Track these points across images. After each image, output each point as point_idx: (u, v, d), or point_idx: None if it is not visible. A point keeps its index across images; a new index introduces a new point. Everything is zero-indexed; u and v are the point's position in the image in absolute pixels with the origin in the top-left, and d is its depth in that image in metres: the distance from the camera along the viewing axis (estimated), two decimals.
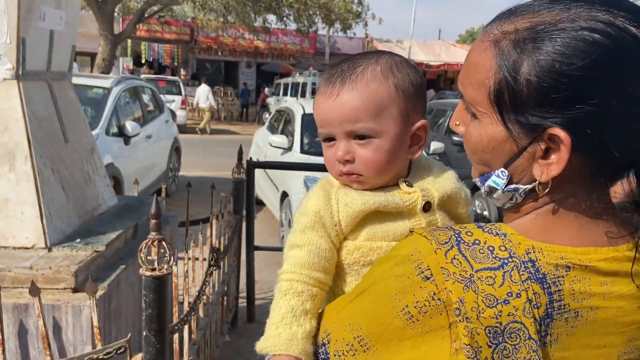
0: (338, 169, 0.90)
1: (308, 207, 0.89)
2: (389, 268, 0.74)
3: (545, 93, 0.67)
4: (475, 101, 0.74)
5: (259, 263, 5.02)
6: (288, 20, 16.23)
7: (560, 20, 0.67)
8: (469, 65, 0.76)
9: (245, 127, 19.10)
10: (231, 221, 3.58)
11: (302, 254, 0.87)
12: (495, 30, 0.73)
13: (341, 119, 0.88)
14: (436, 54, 28.78)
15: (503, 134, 0.73)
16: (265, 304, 4.28)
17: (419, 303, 0.69)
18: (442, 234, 0.73)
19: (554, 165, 0.70)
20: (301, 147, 5.90)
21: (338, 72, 0.90)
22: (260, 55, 26.58)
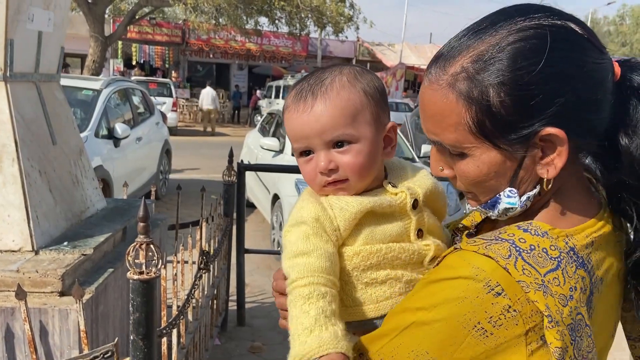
0: (321, 180, 0.91)
1: (304, 216, 0.89)
2: (450, 292, 0.74)
3: (522, 104, 0.73)
4: (459, 141, 0.78)
5: (250, 266, 5.01)
6: (280, 23, 16.25)
7: (497, 43, 0.74)
8: (434, 115, 0.79)
9: (236, 130, 19.05)
10: (221, 224, 3.57)
11: (312, 260, 0.85)
12: (443, 76, 0.76)
13: (319, 130, 0.89)
14: (427, 58, 28.83)
15: (499, 156, 0.77)
16: (255, 307, 4.27)
17: (492, 318, 0.71)
18: (499, 247, 0.75)
19: (557, 159, 0.76)
20: (292, 150, 5.87)
21: (305, 87, 0.92)
22: (252, 58, 26.57)
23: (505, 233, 0.78)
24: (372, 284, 0.89)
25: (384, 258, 0.89)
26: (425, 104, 0.80)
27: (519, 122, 0.74)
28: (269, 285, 4.73)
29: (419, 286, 0.82)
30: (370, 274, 0.89)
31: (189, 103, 21.16)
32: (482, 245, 0.76)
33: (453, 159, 0.81)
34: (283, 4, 14.87)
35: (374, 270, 0.89)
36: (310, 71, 0.97)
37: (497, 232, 0.80)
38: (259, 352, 3.57)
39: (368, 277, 0.89)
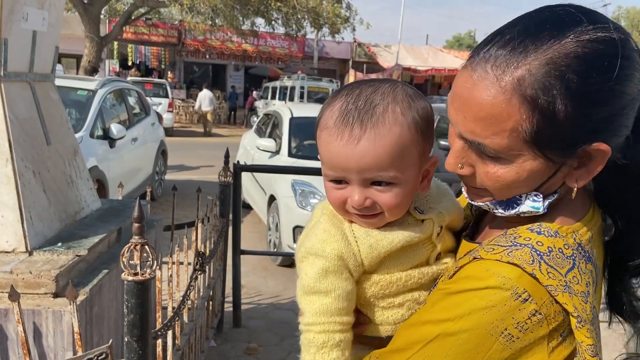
0: (349, 209, 0.86)
1: (326, 251, 0.84)
2: (476, 301, 0.74)
3: (586, 119, 0.71)
4: (507, 147, 0.74)
5: (246, 267, 4.99)
6: (276, 24, 16.25)
7: (569, 52, 0.69)
8: (487, 118, 0.73)
9: (233, 131, 19.03)
10: (217, 225, 3.55)
11: (328, 301, 0.83)
12: (506, 78, 0.71)
13: (362, 167, 0.82)
14: (424, 59, 28.98)
15: (541, 165, 0.75)
16: (251, 308, 4.26)
17: (520, 323, 0.73)
18: (521, 253, 0.75)
19: (592, 172, 0.76)
20: (289, 151, 5.90)
21: (353, 111, 0.82)
22: (248, 59, 26.54)
23: (521, 237, 0.78)
24: (389, 307, 0.89)
25: (404, 286, 0.88)
26: (475, 105, 0.73)
27: (577, 136, 0.72)
28: (265, 287, 4.72)
29: (437, 297, 0.80)
30: (387, 300, 0.88)
31: (185, 104, 21.11)
32: (504, 253, 0.76)
33: (483, 160, 0.78)
34: (279, 4, 14.88)
35: (392, 296, 0.88)
36: (356, 83, 0.87)
37: (510, 236, 0.79)
38: (255, 354, 3.56)
39: (385, 302, 0.88)
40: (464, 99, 0.75)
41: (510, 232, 0.81)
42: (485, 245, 0.80)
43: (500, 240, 0.80)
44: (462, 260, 0.82)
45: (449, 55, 30.31)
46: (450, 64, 28.41)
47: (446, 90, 30.08)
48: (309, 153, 6.02)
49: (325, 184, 0.89)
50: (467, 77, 0.75)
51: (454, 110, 0.77)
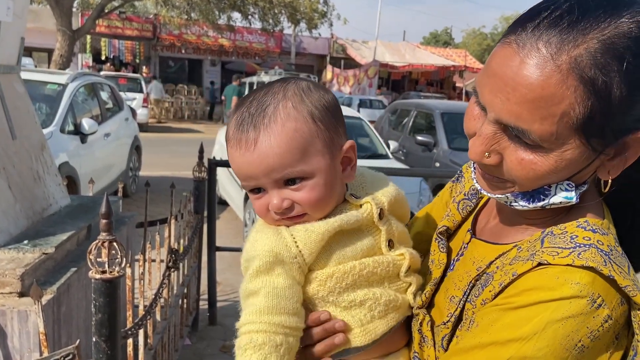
0: (274, 216, 0.84)
1: (257, 249, 0.81)
2: (550, 314, 0.67)
3: (637, 105, 0.67)
4: (552, 134, 0.67)
5: (222, 264, 4.93)
6: (253, 18, 16.11)
7: (627, 32, 0.65)
8: (536, 100, 0.66)
9: (210, 127, 18.83)
10: (191, 221, 3.49)
11: (258, 300, 0.79)
12: (562, 56, 0.65)
13: (266, 169, 0.80)
14: (401, 55, 29.14)
15: (582, 154, 0.69)
16: (227, 305, 4.21)
17: (592, 332, 0.67)
18: (591, 254, 0.68)
19: (623, 164, 0.72)
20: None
21: (247, 117, 0.82)
22: (225, 54, 26.29)
23: (579, 237, 0.71)
24: (351, 307, 0.84)
25: (359, 276, 0.83)
26: (523, 85, 0.66)
27: (625, 124, 0.68)
28: (240, 284, 4.67)
29: (494, 315, 0.71)
30: (347, 297, 0.83)
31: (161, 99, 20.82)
32: (574, 256, 0.68)
33: (517, 148, 0.71)
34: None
35: (350, 291, 0.83)
36: (253, 91, 0.86)
37: (564, 236, 0.73)
38: (230, 352, 3.51)
39: (346, 300, 0.83)
40: (508, 78, 0.67)
41: (557, 232, 0.74)
42: (544, 247, 0.72)
43: (556, 241, 0.72)
44: (513, 266, 0.73)
45: (426, 52, 30.55)
46: (427, 60, 28.63)
47: (422, 86, 30.33)
48: None
49: (250, 197, 0.87)
50: (511, 54, 0.67)
51: (490, 92, 0.70)
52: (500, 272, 0.75)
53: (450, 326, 0.80)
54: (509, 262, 0.75)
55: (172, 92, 22.23)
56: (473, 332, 0.73)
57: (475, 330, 0.73)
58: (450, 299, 0.83)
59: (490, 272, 0.78)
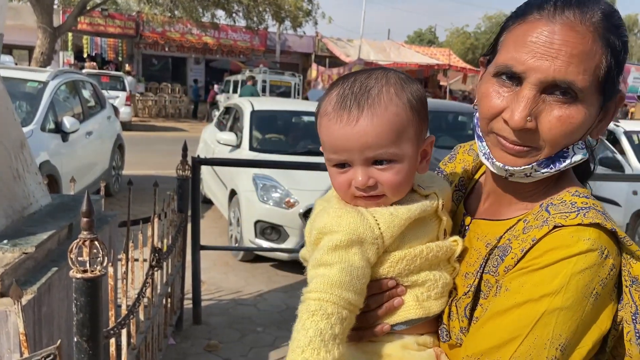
0: (354, 192, 0.89)
1: (341, 224, 0.85)
2: (572, 267, 0.76)
3: (622, 67, 0.83)
4: (589, 86, 0.80)
5: (207, 263, 4.91)
6: (237, 16, 16.02)
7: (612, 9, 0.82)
8: (578, 55, 0.78)
9: (194, 125, 18.70)
10: (175, 220, 3.47)
11: (332, 273, 0.82)
12: (587, 21, 0.80)
13: (362, 146, 0.85)
14: (386, 54, 29.20)
15: (596, 109, 0.83)
16: (212, 305, 4.19)
17: (603, 280, 0.77)
18: (594, 214, 0.80)
19: (606, 123, 0.87)
20: (250, 145, 5.82)
21: (349, 95, 0.87)
22: (209, 52, 26.10)
23: (577, 203, 0.83)
24: (412, 286, 0.90)
25: (426, 259, 0.89)
26: (568, 43, 0.78)
27: (618, 83, 0.83)
28: (226, 282, 4.65)
29: (523, 279, 0.79)
30: (412, 277, 0.90)
31: (144, 97, 20.63)
32: (581, 216, 0.79)
33: (554, 106, 0.80)
34: None
35: (415, 272, 0.90)
36: (350, 74, 0.92)
37: (564, 204, 0.83)
38: (215, 351, 3.50)
39: (410, 280, 0.90)
40: (552, 41, 0.79)
41: (556, 202, 0.85)
42: (553, 214, 0.82)
43: (560, 208, 0.83)
44: (529, 234, 0.82)
45: (410, 51, 30.64)
46: (411, 58, 28.72)
47: None
48: (271, 147, 5.98)
49: (330, 171, 0.92)
50: (545, 24, 0.80)
51: (534, 57, 0.80)
52: (516, 241, 0.84)
53: (471, 295, 0.88)
54: (522, 232, 0.84)
55: (156, 90, 22.03)
56: (505, 296, 0.80)
57: (507, 293, 0.80)
58: (465, 276, 0.92)
59: (502, 245, 0.87)
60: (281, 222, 4.79)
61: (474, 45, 54.77)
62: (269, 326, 3.88)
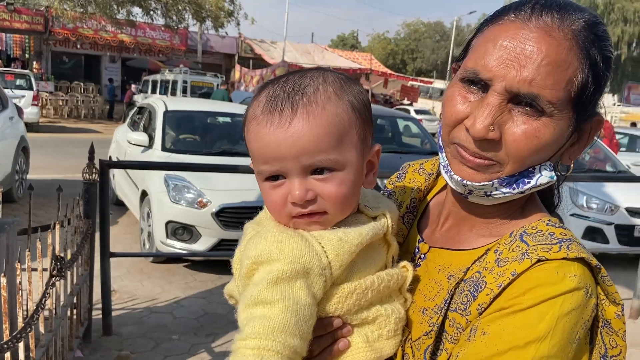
0: (292, 210, 0.75)
1: (283, 252, 0.71)
2: (558, 308, 0.68)
3: (604, 84, 0.75)
4: (558, 99, 0.71)
5: (120, 271, 4.71)
6: (155, 14, 15.50)
7: (598, 20, 0.75)
8: (550, 64, 0.70)
9: (109, 126, 17.86)
10: (81, 226, 3.29)
11: (274, 313, 0.68)
12: (565, 28, 0.72)
13: (297, 152, 0.72)
14: (310, 57, 29.46)
15: (567, 127, 0.75)
16: (125, 314, 4.02)
17: (585, 322, 0.70)
18: (576, 247, 0.73)
19: (582, 147, 0.79)
20: (162, 145, 5.75)
21: (281, 95, 0.75)
22: (125, 50, 25.10)
23: (555, 234, 0.75)
24: (362, 324, 0.78)
25: (377, 291, 0.78)
26: (538, 52, 0.70)
27: (598, 99, 0.76)
28: (139, 291, 4.48)
29: (506, 320, 0.69)
30: (360, 314, 0.78)
31: (54, 97, 19.44)
32: (564, 249, 0.71)
33: (520, 119, 0.73)
34: None
35: (365, 308, 0.78)
36: (283, 75, 0.80)
37: (542, 234, 0.75)
38: None
39: (359, 318, 0.78)
40: (523, 47, 0.71)
41: (531, 231, 0.76)
42: (533, 245, 0.73)
43: (538, 238, 0.75)
44: (506, 267, 0.73)
45: (334, 54, 31.12)
46: (335, 62, 29.16)
47: None
48: (184, 147, 5.92)
49: (261, 188, 0.78)
50: (518, 28, 0.72)
51: (500, 63, 0.72)
52: (491, 275, 0.74)
53: (434, 336, 0.77)
54: (497, 264, 0.74)
55: (67, 89, 20.85)
56: (484, 342, 0.70)
57: (486, 338, 0.70)
58: (423, 312, 0.81)
59: (470, 278, 0.76)
60: (193, 222, 4.77)
61: (394, 51, 56.54)
62: (185, 333, 3.78)
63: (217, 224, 4.71)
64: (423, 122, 17.64)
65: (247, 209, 4.78)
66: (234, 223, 4.76)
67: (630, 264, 5.52)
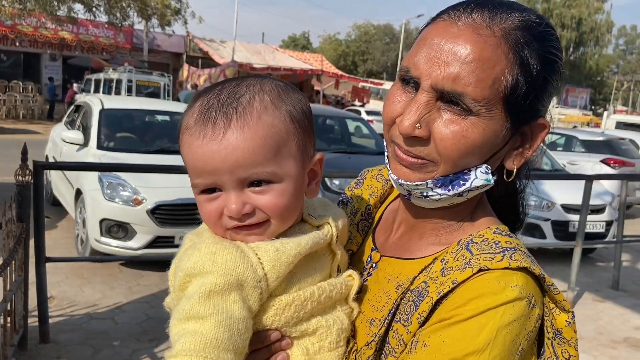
0: (227, 223, 0.74)
1: (216, 264, 0.69)
2: (499, 319, 0.67)
3: (546, 86, 0.73)
4: (484, 98, 0.70)
5: (58, 276, 4.54)
6: (98, 11, 14.99)
7: (539, 21, 0.74)
8: (475, 60, 0.70)
9: (49, 127, 17.01)
10: (14, 230, 3.14)
11: (206, 328, 0.65)
12: (496, 26, 0.71)
13: (232, 165, 0.70)
14: (261, 57, 29.30)
15: (501, 128, 0.73)
16: (63, 321, 3.87)
17: (529, 333, 0.69)
18: (520, 256, 0.71)
19: (527, 152, 0.77)
20: (98, 143, 5.70)
21: (215, 104, 0.72)
22: (67, 48, 24.14)
23: (501, 242, 0.74)
24: (301, 337, 0.77)
25: (317, 302, 0.76)
26: (463, 48, 0.70)
27: (536, 102, 0.74)
28: (79, 296, 4.32)
29: (448, 331, 0.69)
30: (300, 326, 0.76)
31: None
32: (507, 258, 0.70)
33: (447, 118, 0.72)
34: None
35: (305, 320, 0.76)
36: (219, 82, 0.77)
37: (487, 243, 0.74)
38: None
39: (298, 330, 0.76)
40: (448, 45, 0.71)
41: (478, 239, 0.75)
42: (476, 254, 0.73)
43: (483, 247, 0.74)
44: (448, 276, 0.72)
45: (285, 55, 31.08)
46: (286, 62, 29.13)
47: None
48: (121, 145, 5.88)
49: (197, 200, 0.76)
50: (447, 26, 0.72)
51: (427, 61, 0.72)
52: (434, 284, 0.73)
53: (375, 346, 0.76)
54: (441, 274, 0.73)
55: (5, 88, 19.86)
56: (424, 354, 0.69)
57: (426, 351, 0.69)
58: (371, 322, 0.80)
59: (415, 288, 0.76)
60: (128, 220, 4.77)
61: (345, 52, 57.07)
62: (127, 339, 3.67)
63: (153, 221, 4.76)
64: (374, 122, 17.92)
65: (183, 206, 4.86)
66: (169, 220, 4.84)
67: (565, 257, 5.81)
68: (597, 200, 6.24)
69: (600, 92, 57.43)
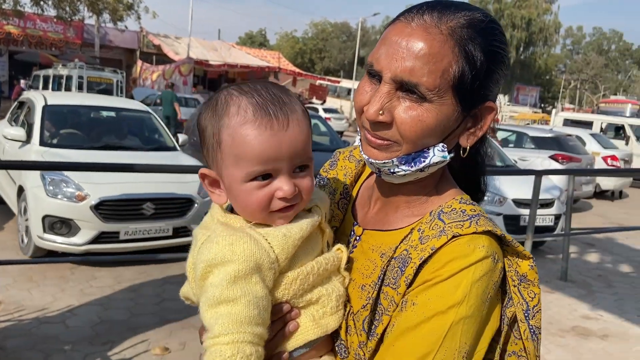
0: (277, 205, 0.85)
1: (236, 253, 0.79)
2: (471, 276, 0.80)
3: (492, 75, 0.86)
4: (436, 87, 0.81)
5: (5, 280, 4.37)
6: (46, 4, 14.42)
7: (483, 18, 0.85)
8: (426, 55, 0.81)
9: None
10: None
11: (238, 309, 0.76)
12: (443, 25, 0.82)
13: (294, 151, 0.83)
14: (217, 54, 28.95)
15: (453, 113, 0.84)
16: (11, 326, 3.71)
17: (495, 283, 0.83)
18: (484, 221, 0.84)
19: (479, 132, 0.89)
20: (41, 140, 5.58)
21: (268, 101, 0.84)
22: (13, 43, 23.14)
23: (467, 211, 0.87)
24: (307, 305, 0.88)
25: (317, 274, 0.87)
26: (416, 44, 0.82)
27: (483, 89, 0.85)
28: (27, 301, 4.15)
29: (429, 292, 0.81)
30: (305, 297, 0.87)
31: None
32: (474, 224, 0.83)
33: (406, 105, 0.83)
34: None
35: (308, 291, 0.87)
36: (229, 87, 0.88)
37: (455, 212, 0.87)
38: None
39: (304, 300, 0.87)
40: (403, 42, 0.82)
41: (447, 210, 0.88)
42: (449, 223, 0.85)
43: (453, 216, 0.86)
44: (427, 243, 0.84)
45: (241, 52, 30.84)
46: (243, 60, 28.89)
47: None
48: (65, 142, 5.77)
49: (243, 188, 0.84)
50: (403, 27, 0.84)
51: (387, 57, 0.83)
52: (415, 251, 0.85)
53: (370, 308, 0.88)
54: (420, 242, 0.86)
55: None
56: (413, 311, 0.82)
57: (415, 308, 0.82)
58: (362, 288, 0.91)
59: (399, 255, 0.88)
60: (71, 216, 4.71)
61: (302, 50, 57.06)
62: (79, 343, 3.55)
63: (97, 217, 4.71)
64: (331, 120, 17.98)
65: (127, 201, 4.83)
66: (113, 215, 4.79)
67: None
68: (546, 195, 6.48)
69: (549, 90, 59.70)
